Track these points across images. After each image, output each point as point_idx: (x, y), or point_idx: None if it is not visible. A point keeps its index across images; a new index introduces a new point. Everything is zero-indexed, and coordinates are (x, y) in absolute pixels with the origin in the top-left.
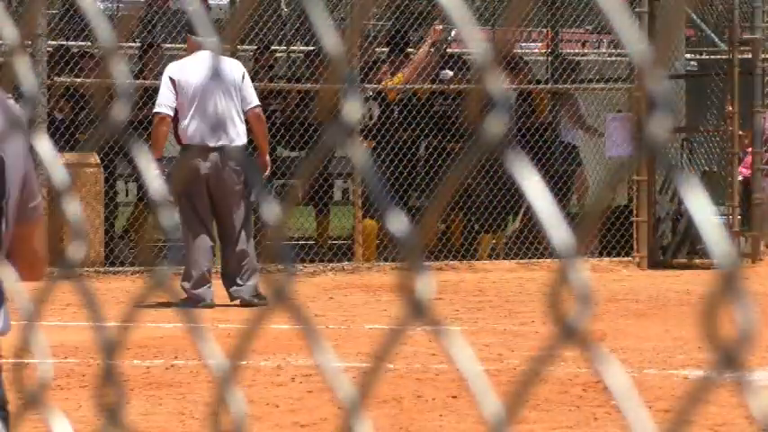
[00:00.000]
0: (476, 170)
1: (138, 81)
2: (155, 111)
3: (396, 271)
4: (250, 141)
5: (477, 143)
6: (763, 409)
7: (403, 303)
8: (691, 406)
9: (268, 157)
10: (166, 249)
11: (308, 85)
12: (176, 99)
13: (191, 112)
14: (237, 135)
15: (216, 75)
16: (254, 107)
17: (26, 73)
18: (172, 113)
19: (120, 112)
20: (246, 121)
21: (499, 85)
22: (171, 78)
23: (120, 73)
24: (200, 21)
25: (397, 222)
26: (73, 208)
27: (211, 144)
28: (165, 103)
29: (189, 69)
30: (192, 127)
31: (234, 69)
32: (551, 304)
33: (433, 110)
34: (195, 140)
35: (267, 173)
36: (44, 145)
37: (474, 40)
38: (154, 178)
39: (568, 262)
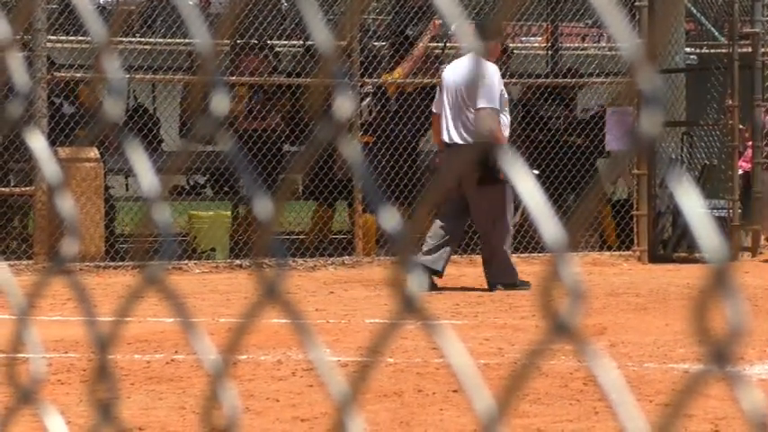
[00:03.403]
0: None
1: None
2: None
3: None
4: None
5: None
6: (754, 403)
7: (394, 299)
8: (684, 400)
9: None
10: (160, 245)
11: (308, 80)
12: (440, 98)
13: (443, 111)
14: (461, 133)
15: (456, 75)
16: (477, 108)
17: (18, 68)
18: (435, 111)
19: (114, 107)
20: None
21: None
22: (442, 78)
23: (113, 68)
24: (192, 17)
25: (390, 218)
26: (66, 204)
27: (446, 141)
28: (436, 101)
29: (451, 70)
30: (442, 124)
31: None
32: (543, 299)
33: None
34: (443, 137)
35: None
36: (38, 141)
37: (465, 36)
38: (145, 173)
39: (559, 257)
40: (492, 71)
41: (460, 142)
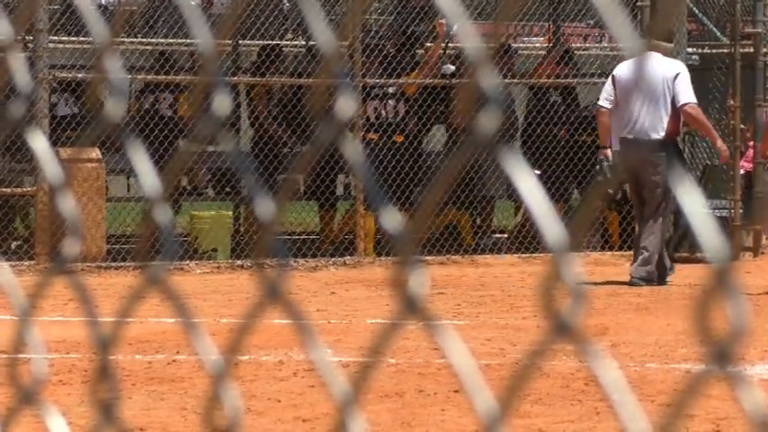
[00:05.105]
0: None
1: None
2: (598, 104)
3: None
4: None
5: (469, 139)
6: (755, 403)
7: (396, 299)
8: (686, 400)
9: (719, 143)
10: (161, 245)
11: (310, 80)
12: (614, 94)
13: (620, 107)
14: (653, 129)
15: (636, 73)
16: (683, 104)
17: (20, 68)
18: (608, 106)
19: (116, 108)
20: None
21: (493, 80)
22: (613, 75)
23: (115, 68)
24: (194, 17)
25: (391, 218)
26: (68, 204)
27: (629, 136)
28: (603, 96)
29: (626, 68)
30: (618, 120)
31: (666, 69)
32: (544, 300)
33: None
34: (619, 132)
35: (724, 158)
36: (39, 141)
37: (467, 35)
38: (147, 174)
39: (561, 258)
40: (685, 68)
41: (650, 137)
